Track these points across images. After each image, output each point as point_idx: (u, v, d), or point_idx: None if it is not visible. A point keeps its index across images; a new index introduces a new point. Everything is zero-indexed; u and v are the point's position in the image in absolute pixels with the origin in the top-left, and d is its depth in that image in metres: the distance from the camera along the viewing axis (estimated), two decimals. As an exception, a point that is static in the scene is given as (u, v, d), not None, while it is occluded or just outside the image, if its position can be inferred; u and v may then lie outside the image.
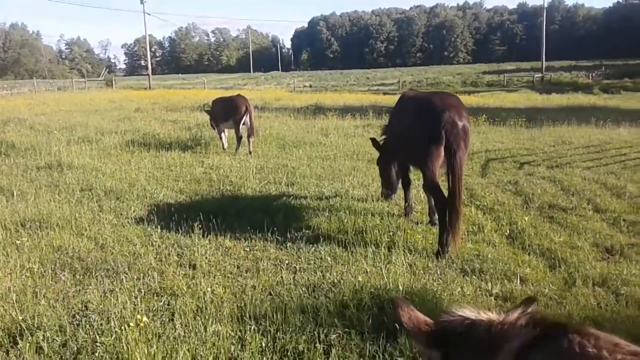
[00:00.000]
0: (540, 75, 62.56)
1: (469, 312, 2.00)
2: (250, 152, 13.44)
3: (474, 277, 5.67)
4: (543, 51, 65.88)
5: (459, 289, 5.21)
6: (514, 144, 15.10)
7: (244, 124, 13.52)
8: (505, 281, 5.52)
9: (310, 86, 67.30)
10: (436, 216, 7.17)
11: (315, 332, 4.33)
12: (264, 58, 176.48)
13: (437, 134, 6.45)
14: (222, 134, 14.31)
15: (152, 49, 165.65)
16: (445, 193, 6.56)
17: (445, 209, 6.50)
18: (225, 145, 14.27)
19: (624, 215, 7.91)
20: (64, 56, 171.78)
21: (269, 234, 6.93)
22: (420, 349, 2.07)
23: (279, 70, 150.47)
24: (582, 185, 9.72)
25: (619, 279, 5.52)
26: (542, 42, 65.78)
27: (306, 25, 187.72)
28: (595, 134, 16.81)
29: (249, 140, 13.66)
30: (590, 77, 60.32)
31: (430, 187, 6.83)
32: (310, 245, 6.62)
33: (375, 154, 9.00)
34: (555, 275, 5.73)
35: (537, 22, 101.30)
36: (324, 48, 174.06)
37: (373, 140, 8.88)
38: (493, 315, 1.95)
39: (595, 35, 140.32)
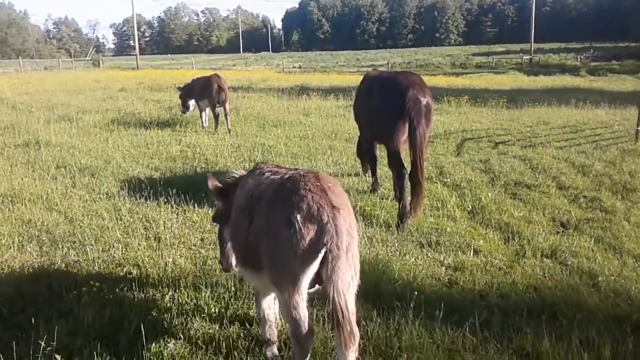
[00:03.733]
0: (529, 57, 62.59)
1: (238, 172, 4.06)
2: (229, 131, 13.54)
3: (430, 249, 5.86)
4: (532, 33, 65.89)
5: (413, 260, 5.40)
6: (492, 124, 15.27)
7: (218, 102, 13.61)
8: (459, 253, 5.73)
9: (300, 67, 66.93)
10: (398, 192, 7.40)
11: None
12: (255, 39, 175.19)
13: (402, 110, 6.72)
14: (203, 113, 14.39)
15: (141, 29, 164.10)
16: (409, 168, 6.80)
17: (404, 184, 6.82)
18: (205, 124, 14.35)
19: (585, 192, 8.13)
20: (51, 36, 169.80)
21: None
22: (216, 199, 4.11)
23: (269, 51, 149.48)
24: (551, 164, 9.92)
25: (568, 251, 5.74)
26: (531, 24, 65.77)
27: (297, 5, 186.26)
28: (573, 115, 16.99)
29: (226, 119, 13.76)
30: (579, 59, 60.38)
31: (393, 161, 7.11)
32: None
33: (354, 133, 9.12)
34: (508, 248, 5.94)
35: (528, 3, 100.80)
36: (314, 29, 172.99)
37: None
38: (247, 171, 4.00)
39: (586, 18, 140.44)
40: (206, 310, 4.39)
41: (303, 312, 3.11)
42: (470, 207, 7.40)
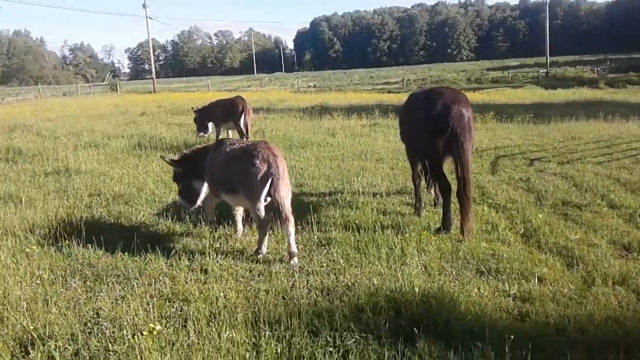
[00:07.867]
0: (545, 70, 62.14)
1: (188, 151, 7.58)
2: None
3: (490, 277, 5.56)
4: (547, 46, 65.62)
5: (476, 290, 5.11)
6: (522, 140, 14.98)
7: (244, 124, 13.63)
8: (523, 281, 5.41)
9: (314, 86, 67.05)
10: (441, 200, 7.41)
11: (331, 337, 4.24)
12: (267, 59, 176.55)
13: (446, 124, 6.73)
14: (220, 136, 14.62)
15: (156, 53, 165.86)
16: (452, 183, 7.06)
17: (450, 190, 7.00)
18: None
19: (639, 211, 7.78)
20: (68, 62, 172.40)
21: (280, 237, 6.86)
22: (175, 167, 7.27)
23: (282, 71, 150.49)
24: (595, 181, 9.60)
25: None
26: (545, 38, 65.51)
27: (308, 26, 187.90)
28: (604, 129, 16.65)
29: (246, 137, 13.89)
30: (596, 72, 59.59)
31: (436, 174, 7.24)
32: (322, 248, 6.54)
33: (384, 153, 8.92)
34: (574, 274, 5.62)
35: (539, 17, 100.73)
36: (326, 48, 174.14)
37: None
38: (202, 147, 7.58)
39: (599, 30, 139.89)
40: (267, 352, 4.12)
41: (263, 212, 5.99)
42: (522, 230, 7.09)
